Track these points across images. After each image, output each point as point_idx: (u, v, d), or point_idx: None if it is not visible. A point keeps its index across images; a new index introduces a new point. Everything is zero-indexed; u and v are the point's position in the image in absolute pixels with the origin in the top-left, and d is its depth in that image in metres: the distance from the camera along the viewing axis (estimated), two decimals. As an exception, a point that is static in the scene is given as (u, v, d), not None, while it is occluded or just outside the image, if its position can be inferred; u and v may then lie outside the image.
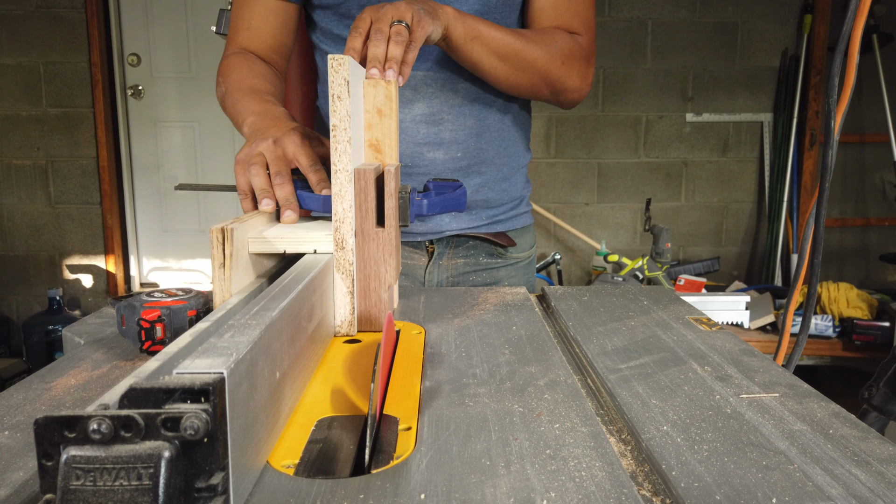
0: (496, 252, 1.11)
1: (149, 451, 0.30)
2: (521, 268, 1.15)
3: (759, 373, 0.58)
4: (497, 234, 1.10)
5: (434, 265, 1.08)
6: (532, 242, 1.18)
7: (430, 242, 1.08)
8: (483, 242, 1.10)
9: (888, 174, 3.42)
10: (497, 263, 1.11)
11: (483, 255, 1.10)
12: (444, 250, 1.08)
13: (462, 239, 1.09)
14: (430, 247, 1.08)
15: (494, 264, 1.11)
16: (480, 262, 1.10)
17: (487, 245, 1.10)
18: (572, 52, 0.98)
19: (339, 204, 0.70)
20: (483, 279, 1.10)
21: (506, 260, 1.12)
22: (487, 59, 0.92)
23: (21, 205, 3.41)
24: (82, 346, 0.70)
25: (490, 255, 1.10)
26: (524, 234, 1.15)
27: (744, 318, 2.56)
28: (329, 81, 0.67)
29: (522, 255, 1.15)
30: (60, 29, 3.27)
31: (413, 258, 1.08)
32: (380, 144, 0.79)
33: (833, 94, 0.76)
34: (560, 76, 0.98)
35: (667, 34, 3.37)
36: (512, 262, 1.13)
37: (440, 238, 1.07)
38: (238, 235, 0.63)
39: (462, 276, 1.09)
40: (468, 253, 1.09)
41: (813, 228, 0.82)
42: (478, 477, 0.41)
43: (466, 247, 1.09)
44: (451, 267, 1.09)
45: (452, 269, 1.09)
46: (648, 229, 2.93)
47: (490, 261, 1.11)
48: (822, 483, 0.40)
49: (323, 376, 0.59)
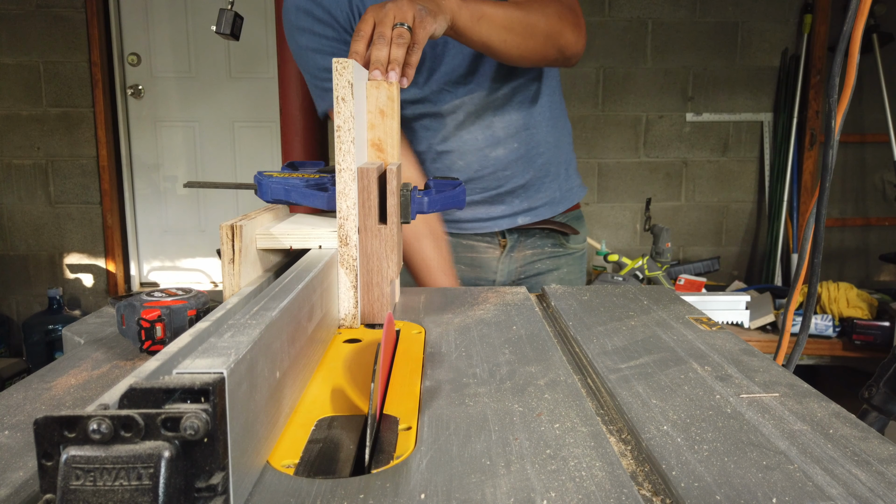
0: (559, 242, 1.20)
1: (149, 451, 0.30)
2: (577, 258, 1.24)
3: (760, 373, 0.58)
4: (562, 224, 1.19)
5: (506, 257, 1.17)
6: (584, 236, 1.27)
7: (502, 235, 1.17)
8: (551, 233, 1.19)
9: (888, 174, 3.42)
10: (559, 252, 1.20)
11: (549, 244, 1.19)
12: (516, 243, 1.17)
13: (531, 230, 1.18)
14: (502, 240, 1.17)
15: (557, 253, 1.20)
16: (545, 251, 1.19)
17: (553, 235, 1.19)
18: (562, 11, 1.01)
19: (344, 201, 0.72)
20: (547, 266, 1.19)
21: (566, 250, 1.21)
22: (496, 34, 0.93)
23: (21, 204, 3.40)
24: (82, 345, 0.70)
25: (554, 244, 1.20)
26: (580, 226, 1.24)
27: (744, 318, 2.56)
28: (333, 84, 0.69)
29: (578, 247, 1.25)
30: (60, 29, 3.27)
31: (487, 252, 1.17)
32: (382, 144, 0.81)
33: (833, 94, 0.76)
34: (561, 33, 1.01)
35: (667, 34, 3.37)
36: (571, 252, 1.22)
37: (510, 230, 1.16)
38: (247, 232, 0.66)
39: (529, 266, 1.18)
40: (535, 244, 1.18)
41: (813, 228, 0.82)
42: (478, 477, 0.41)
43: (534, 238, 1.18)
44: (520, 258, 1.18)
45: (522, 260, 1.18)
46: (648, 229, 2.93)
47: (553, 250, 1.20)
48: (822, 483, 0.40)
49: (323, 376, 0.59)
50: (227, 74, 3.47)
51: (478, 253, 1.17)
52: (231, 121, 3.53)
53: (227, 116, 3.53)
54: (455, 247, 1.16)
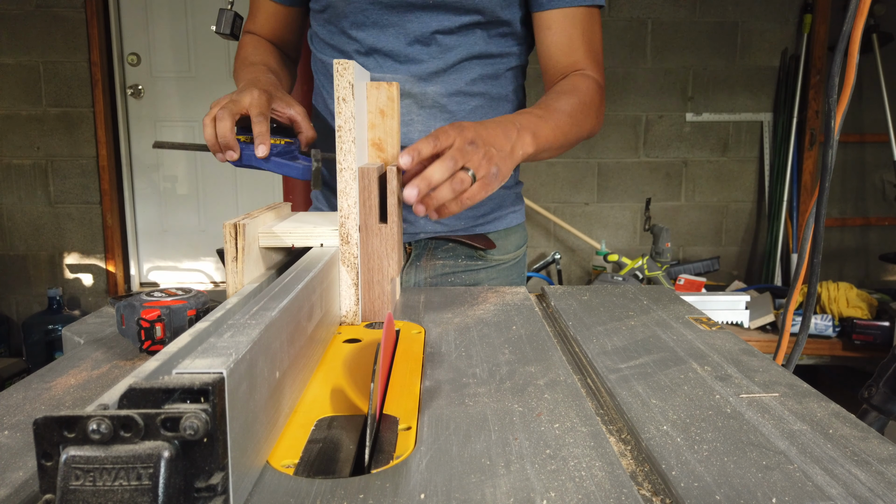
0: (476, 254, 1.09)
1: (148, 451, 0.30)
2: (504, 270, 1.12)
3: (759, 372, 0.58)
4: (475, 236, 1.08)
5: (412, 266, 1.08)
6: (520, 243, 1.15)
7: (407, 244, 1.07)
8: (461, 245, 1.08)
9: (888, 174, 3.42)
10: (477, 265, 1.09)
11: (462, 256, 1.09)
12: (423, 252, 1.08)
13: (440, 241, 1.07)
14: (407, 248, 1.08)
15: (475, 266, 1.09)
16: (459, 263, 1.09)
17: (466, 247, 1.08)
18: (593, 101, 0.98)
19: (345, 200, 0.72)
20: (463, 281, 1.08)
21: (487, 262, 1.09)
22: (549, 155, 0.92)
23: (21, 204, 3.40)
24: (82, 345, 0.70)
25: (469, 257, 1.09)
26: (510, 234, 1.12)
27: (744, 318, 2.56)
28: (335, 85, 0.70)
29: (507, 257, 1.12)
30: (60, 28, 3.27)
31: None
32: (382, 143, 0.82)
33: (833, 94, 0.76)
34: (591, 130, 1.00)
35: (667, 34, 3.37)
36: (493, 264, 1.10)
37: (417, 240, 1.07)
38: (249, 230, 0.67)
39: (441, 278, 1.08)
40: (447, 255, 1.08)
41: (813, 228, 0.82)
42: (478, 477, 0.41)
43: (445, 249, 1.08)
44: (429, 268, 1.08)
45: (431, 271, 1.08)
46: (648, 229, 2.93)
47: (470, 262, 1.09)
48: (822, 483, 0.40)
49: (323, 376, 0.59)
50: (227, 74, 3.47)
51: None
52: (231, 121, 3.53)
53: (227, 116, 3.53)
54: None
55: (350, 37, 0.99)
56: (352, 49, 0.99)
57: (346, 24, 0.98)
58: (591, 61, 1.01)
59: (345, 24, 0.98)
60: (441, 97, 0.99)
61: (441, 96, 0.99)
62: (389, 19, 0.96)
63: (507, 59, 1.03)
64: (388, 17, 0.96)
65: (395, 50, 0.97)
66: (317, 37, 1.05)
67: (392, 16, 0.96)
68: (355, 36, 0.98)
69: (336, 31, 1.00)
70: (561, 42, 1.00)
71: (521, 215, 1.15)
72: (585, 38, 1.00)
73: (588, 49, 1.01)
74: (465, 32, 0.97)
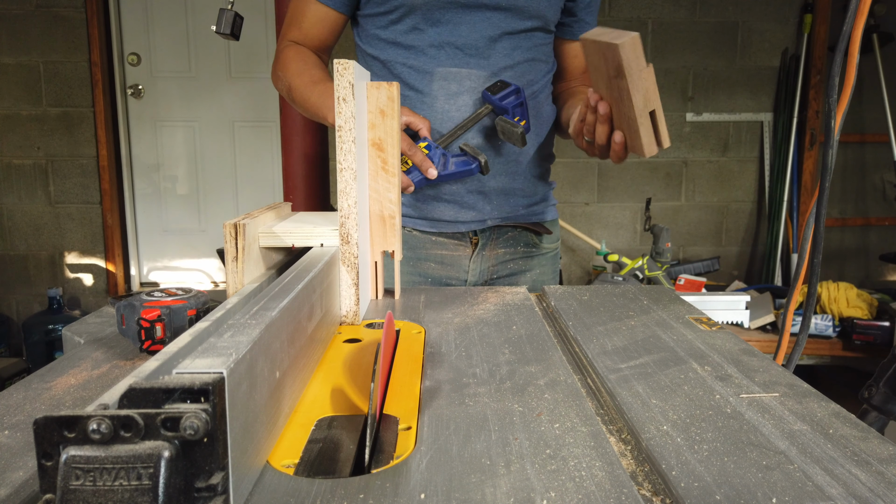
0: (532, 241, 1.20)
1: (148, 451, 0.30)
2: (549, 258, 1.24)
3: (759, 372, 0.58)
4: (535, 223, 1.19)
5: (478, 256, 1.16)
6: (558, 236, 1.27)
7: (473, 234, 1.15)
8: (522, 232, 1.18)
9: (888, 174, 3.42)
10: (532, 252, 1.20)
11: (521, 244, 1.19)
12: (487, 242, 1.16)
13: (503, 229, 1.17)
14: (473, 238, 1.16)
15: (530, 253, 1.20)
16: (518, 250, 1.19)
17: (525, 234, 1.19)
18: None
19: (345, 200, 0.72)
20: (519, 267, 1.19)
21: (539, 250, 1.21)
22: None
23: (21, 204, 3.40)
24: (82, 345, 0.70)
25: (527, 244, 1.19)
26: (553, 226, 1.24)
27: (744, 318, 2.56)
28: (335, 85, 0.71)
29: (552, 246, 1.24)
30: (60, 28, 3.27)
31: (458, 250, 1.15)
32: (382, 143, 0.82)
33: (833, 94, 0.76)
34: None
35: (667, 34, 3.37)
36: (544, 252, 1.22)
37: (483, 229, 1.15)
38: (250, 230, 0.68)
39: (501, 266, 1.17)
40: (507, 243, 1.18)
41: (813, 228, 0.82)
42: (478, 477, 0.41)
43: (506, 238, 1.17)
44: (492, 257, 1.17)
45: (494, 259, 1.17)
46: (648, 229, 2.93)
47: (526, 249, 1.19)
48: (822, 483, 0.40)
49: (323, 376, 0.59)
50: (227, 74, 3.47)
51: (448, 251, 1.15)
52: (231, 121, 3.53)
53: (227, 116, 3.53)
54: (424, 243, 1.13)
55: (423, 32, 1.05)
56: (425, 43, 1.06)
57: (419, 20, 1.05)
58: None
59: (417, 21, 1.05)
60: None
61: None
62: (463, 17, 1.05)
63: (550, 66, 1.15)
64: (462, 16, 1.05)
65: (469, 44, 1.06)
66: (374, 37, 1.09)
67: (466, 14, 1.04)
68: (428, 31, 1.05)
69: (405, 28, 1.06)
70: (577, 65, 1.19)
71: (556, 211, 1.28)
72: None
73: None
74: (525, 37, 1.08)
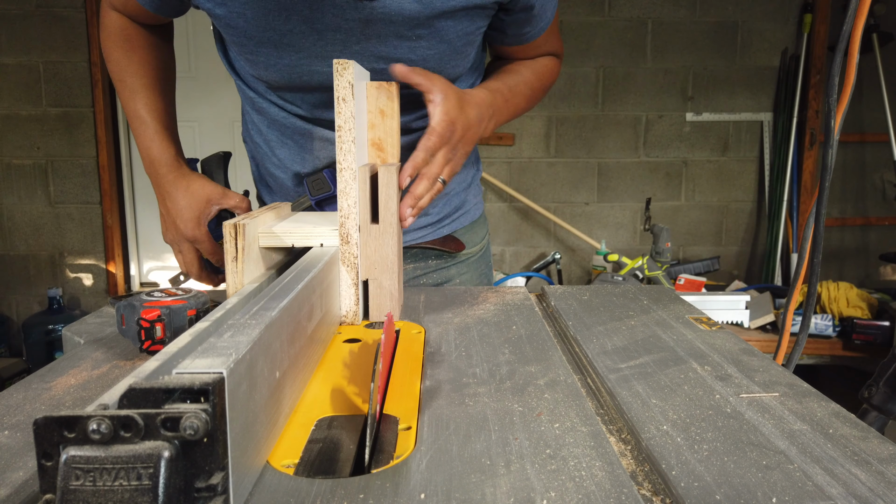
0: (444, 254, 1.08)
1: (148, 451, 0.30)
2: (473, 263, 1.11)
3: (759, 372, 0.58)
4: (444, 239, 1.07)
5: None
6: (483, 233, 1.14)
7: None
8: (424, 250, 1.07)
9: (888, 174, 3.42)
10: (447, 263, 1.09)
11: (431, 258, 1.08)
12: None
13: (406, 249, 1.05)
14: None
15: (444, 265, 1.08)
16: (430, 264, 1.08)
17: (435, 250, 1.07)
18: (555, 74, 1.04)
19: (344, 200, 0.72)
20: (434, 280, 1.08)
21: (456, 258, 1.09)
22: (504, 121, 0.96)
23: (21, 204, 3.40)
24: (82, 345, 0.70)
25: (438, 256, 1.08)
26: (474, 227, 1.11)
27: (744, 318, 2.56)
28: (335, 85, 0.70)
29: (474, 250, 1.11)
30: (60, 29, 3.27)
31: None
32: (382, 143, 0.82)
33: (833, 94, 0.76)
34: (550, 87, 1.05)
35: (667, 34, 3.37)
36: (462, 259, 1.10)
37: None
38: (250, 230, 0.68)
39: (412, 281, 1.07)
40: (416, 259, 1.07)
41: (813, 228, 0.82)
42: (478, 476, 0.41)
43: (413, 253, 1.06)
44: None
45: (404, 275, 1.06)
46: (648, 229, 2.93)
47: (439, 262, 1.08)
48: (822, 483, 0.40)
49: (323, 376, 0.59)
50: (227, 74, 3.47)
51: None
52: (231, 121, 3.53)
53: (227, 116, 3.53)
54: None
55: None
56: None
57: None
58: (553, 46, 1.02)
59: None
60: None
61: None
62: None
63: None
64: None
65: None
66: (239, 62, 0.95)
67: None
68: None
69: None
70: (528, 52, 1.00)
71: (480, 205, 1.14)
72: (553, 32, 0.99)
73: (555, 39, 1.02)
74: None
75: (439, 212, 1.06)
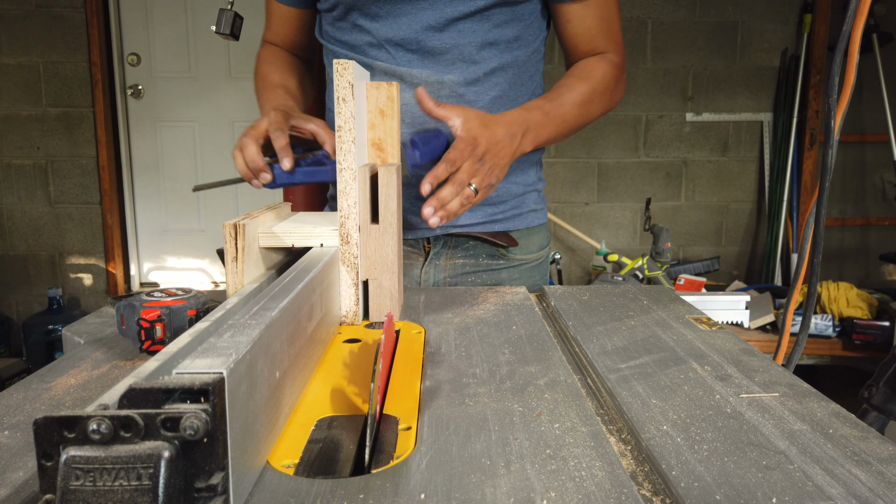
0: (497, 253, 1.06)
1: (148, 451, 0.30)
2: (527, 270, 1.09)
3: (759, 372, 0.58)
4: (496, 233, 1.05)
5: (430, 265, 1.05)
6: (543, 244, 1.12)
7: (427, 241, 1.05)
8: (483, 242, 1.05)
9: (888, 174, 3.42)
10: (499, 265, 1.06)
11: (483, 255, 1.05)
12: (442, 250, 1.05)
13: (461, 238, 1.04)
14: (426, 245, 1.05)
15: (496, 265, 1.06)
16: (481, 262, 1.06)
17: (488, 245, 1.05)
18: (607, 85, 1.03)
19: (344, 200, 0.72)
20: (483, 280, 1.06)
21: (509, 261, 1.07)
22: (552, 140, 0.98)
23: (21, 204, 3.40)
24: (82, 345, 0.70)
25: (491, 255, 1.06)
26: (532, 234, 1.09)
27: (744, 318, 2.56)
28: (334, 85, 0.71)
29: (529, 258, 1.09)
30: (60, 29, 3.27)
31: (410, 257, 1.05)
32: (382, 143, 0.82)
33: (833, 94, 0.76)
34: (610, 105, 1.06)
35: (667, 34, 3.37)
36: (516, 263, 1.07)
37: (437, 237, 1.04)
38: (249, 231, 0.68)
39: (461, 277, 1.05)
40: (467, 253, 1.05)
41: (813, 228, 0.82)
42: (478, 477, 0.41)
43: (466, 246, 1.05)
44: (449, 267, 1.05)
45: (451, 270, 1.05)
46: (648, 229, 2.93)
47: (491, 261, 1.06)
48: (822, 483, 0.40)
49: (323, 376, 0.59)
50: (227, 74, 3.47)
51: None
52: (231, 121, 3.53)
53: (227, 116, 3.53)
54: None
55: (362, 29, 0.97)
56: (364, 42, 0.97)
57: (357, 16, 0.96)
58: (611, 43, 1.03)
59: (356, 17, 0.96)
60: (458, 86, 0.97)
61: (458, 85, 0.97)
62: (402, 8, 0.94)
63: (524, 46, 1.01)
64: (401, 7, 0.94)
65: (409, 38, 0.95)
66: (327, 35, 1.03)
67: (405, 4, 0.93)
68: (368, 28, 0.96)
69: (348, 26, 0.98)
70: (580, 32, 1.02)
71: (543, 215, 1.12)
72: (603, 25, 1.02)
73: (606, 34, 1.03)
74: (481, 18, 0.94)
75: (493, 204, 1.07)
